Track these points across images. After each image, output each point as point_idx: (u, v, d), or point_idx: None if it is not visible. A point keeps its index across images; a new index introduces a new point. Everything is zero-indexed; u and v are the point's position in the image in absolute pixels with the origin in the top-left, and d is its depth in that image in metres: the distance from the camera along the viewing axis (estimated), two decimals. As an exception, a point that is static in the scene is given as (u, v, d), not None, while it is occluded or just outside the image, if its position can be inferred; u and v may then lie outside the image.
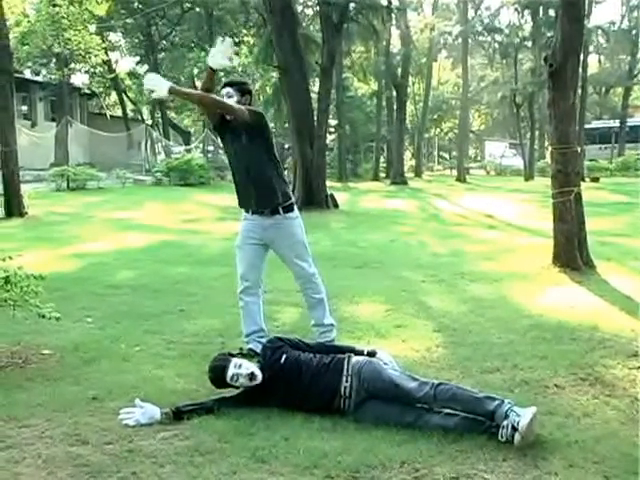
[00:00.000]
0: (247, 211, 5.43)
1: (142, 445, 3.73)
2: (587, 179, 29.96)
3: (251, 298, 5.43)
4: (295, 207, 5.49)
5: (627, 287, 7.86)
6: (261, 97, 37.91)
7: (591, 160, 37.02)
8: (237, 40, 42.45)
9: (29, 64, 33.00)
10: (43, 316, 5.01)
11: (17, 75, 31.11)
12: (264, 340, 5.28)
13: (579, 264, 8.88)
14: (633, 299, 7.32)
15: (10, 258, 5.12)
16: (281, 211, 5.31)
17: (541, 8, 37.49)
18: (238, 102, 5.25)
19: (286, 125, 21.12)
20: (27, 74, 34.06)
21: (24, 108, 34.13)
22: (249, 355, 4.97)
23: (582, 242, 9.13)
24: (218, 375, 4.32)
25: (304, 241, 5.47)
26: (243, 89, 5.41)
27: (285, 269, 5.65)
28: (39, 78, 33.95)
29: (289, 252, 5.43)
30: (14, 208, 15.70)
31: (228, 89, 5.32)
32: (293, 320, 6.51)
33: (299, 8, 31.68)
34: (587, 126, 40.15)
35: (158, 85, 4.89)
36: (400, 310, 6.91)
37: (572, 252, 8.94)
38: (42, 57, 31.05)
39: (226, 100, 5.24)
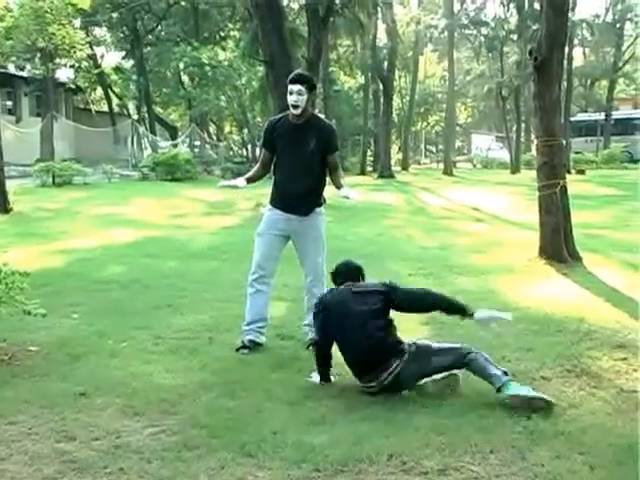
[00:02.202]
0: (280, 207, 5.48)
1: (130, 441, 3.73)
2: (573, 171, 30.07)
3: (262, 287, 5.53)
4: (323, 204, 5.62)
5: (613, 279, 7.93)
6: (247, 91, 37.80)
7: (577, 153, 37.14)
8: (223, 34, 42.39)
9: (13, 59, 32.72)
10: (29, 313, 4.99)
11: (1, 70, 30.97)
12: (264, 331, 5.34)
13: (565, 256, 8.93)
14: (619, 291, 7.38)
15: (-5, 255, 5.09)
16: (311, 210, 5.46)
17: (526, 1, 37.56)
18: (307, 100, 5.30)
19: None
20: (11, 69, 33.81)
21: (9, 103, 33.92)
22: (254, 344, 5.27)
23: (568, 234, 9.18)
24: None
25: (324, 238, 5.55)
26: (311, 86, 5.41)
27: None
28: (24, 73, 33.69)
29: (311, 245, 5.50)
30: (-1, 204, 15.57)
31: (299, 87, 5.27)
32: (281, 314, 6.51)
33: (285, 2, 31.46)
34: (573, 119, 40.28)
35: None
36: (388, 303, 6.91)
37: (558, 244, 8.99)
38: (26, 52, 30.76)
39: (296, 97, 5.24)
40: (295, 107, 5.32)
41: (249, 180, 5.58)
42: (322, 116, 5.71)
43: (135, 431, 3.87)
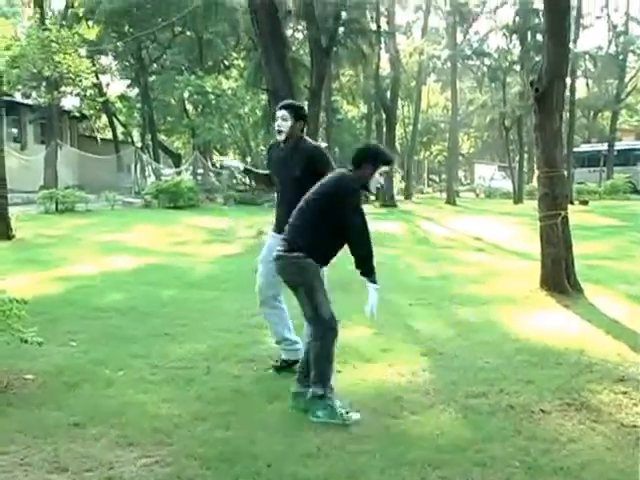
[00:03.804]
0: (277, 232, 5.50)
1: (122, 472, 3.69)
2: (576, 202, 30.08)
3: (269, 310, 5.65)
4: None
5: (614, 311, 7.87)
6: (250, 119, 38.00)
7: (580, 183, 37.19)
8: (227, 63, 42.72)
9: (19, 87, 32.97)
10: (25, 341, 4.96)
11: (7, 98, 31.18)
12: (298, 347, 5.45)
13: (566, 287, 8.89)
14: (620, 323, 7.33)
15: (-7, 282, 5.07)
16: None
17: (529, 33, 37.86)
18: (292, 127, 5.39)
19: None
20: (17, 97, 34.04)
21: (14, 131, 34.06)
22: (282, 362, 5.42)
23: (569, 265, 9.14)
24: None
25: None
26: (298, 114, 5.50)
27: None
28: (29, 101, 33.90)
29: None
30: (1, 231, 15.58)
31: (284, 112, 5.42)
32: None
33: (289, 32, 31.87)
34: (576, 149, 40.41)
35: None
36: (387, 334, 6.89)
37: (559, 275, 8.96)
38: (32, 80, 30.99)
39: (279, 122, 5.38)
40: (279, 132, 5.47)
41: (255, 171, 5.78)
42: (311, 141, 5.69)
43: (128, 462, 3.83)
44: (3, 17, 29.91)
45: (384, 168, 4.77)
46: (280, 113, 5.43)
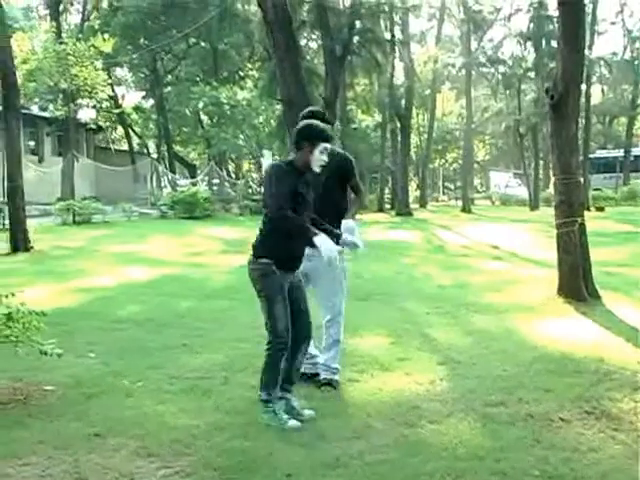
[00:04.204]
0: None
1: (142, 483, 3.70)
2: (592, 208, 29.93)
3: None
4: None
5: (633, 318, 7.81)
6: (265, 130, 38.11)
7: (596, 189, 37.02)
8: (241, 74, 42.89)
9: (36, 100, 33.30)
10: (45, 353, 4.99)
11: (25, 111, 31.47)
12: (316, 361, 5.47)
13: (584, 295, 8.85)
14: (639, 330, 7.27)
15: (12, 295, 5.11)
16: None
17: (543, 39, 37.80)
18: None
19: (290, 157, 21.32)
20: (34, 110, 34.35)
21: (31, 143, 34.34)
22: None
23: (587, 272, 9.10)
24: None
25: (342, 279, 5.54)
26: (324, 121, 5.25)
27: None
28: (46, 114, 34.20)
29: (327, 286, 5.50)
30: (20, 243, 15.73)
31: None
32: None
33: (303, 42, 31.99)
34: (592, 155, 40.24)
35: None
36: (404, 343, 6.88)
37: (577, 283, 8.92)
38: (49, 93, 31.31)
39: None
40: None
41: None
42: (339, 149, 5.72)
43: (149, 473, 3.84)
44: (20, 31, 30.15)
45: (323, 145, 4.70)
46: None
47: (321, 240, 4.45)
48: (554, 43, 33.92)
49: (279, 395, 4.74)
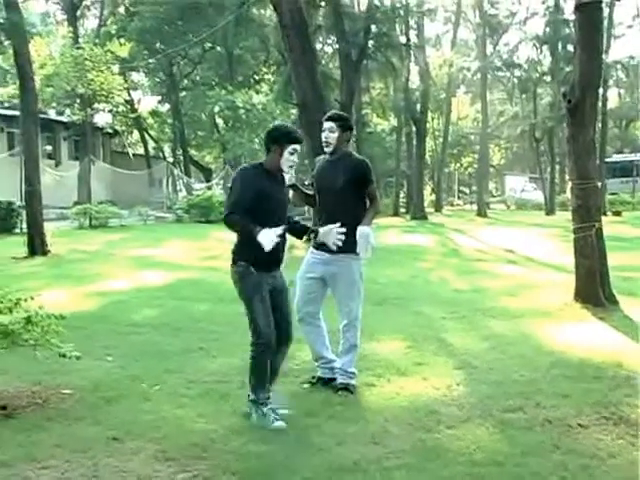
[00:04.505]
0: (316, 247, 5.53)
1: (161, 487, 3.72)
2: (609, 213, 29.76)
3: (307, 327, 5.63)
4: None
5: (651, 323, 7.76)
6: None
7: (613, 194, 36.79)
8: (257, 78, 43.00)
9: (53, 105, 33.53)
10: (64, 355, 5.02)
11: (42, 116, 31.74)
12: (334, 365, 5.49)
13: (601, 300, 8.80)
14: (657, 335, 7.22)
15: (32, 298, 5.14)
16: (347, 250, 5.37)
17: (559, 43, 37.66)
18: (339, 138, 5.43)
19: (306, 161, 21.28)
20: (51, 114, 34.59)
21: (48, 148, 34.57)
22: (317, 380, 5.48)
23: (604, 277, 9.05)
24: None
25: (360, 284, 5.54)
26: (345, 125, 5.54)
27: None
28: (63, 118, 34.46)
29: (344, 291, 5.51)
30: (37, 246, 15.82)
31: (331, 124, 5.46)
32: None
33: (318, 46, 32.04)
34: (608, 160, 40.02)
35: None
36: (420, 347, 6.87)
37: (594, 288, 8.87)
38: (66, 98, 31.52)
39: (326, 134, 5.41)
40: (327, 145, 5.49)
41: (302, 189, 5.68)
42: (357, 155, 5.75)
43: (167, 476, 3.86)
44: (38, 36, 30.41)
45: (292, 146, 4.82)
46: (327, 125, 5.47)
47: (261, 235, 4.55)
48: (570, 47, 33.85)
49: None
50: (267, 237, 4.54)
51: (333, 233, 5.06)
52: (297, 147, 4.87)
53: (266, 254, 4.64)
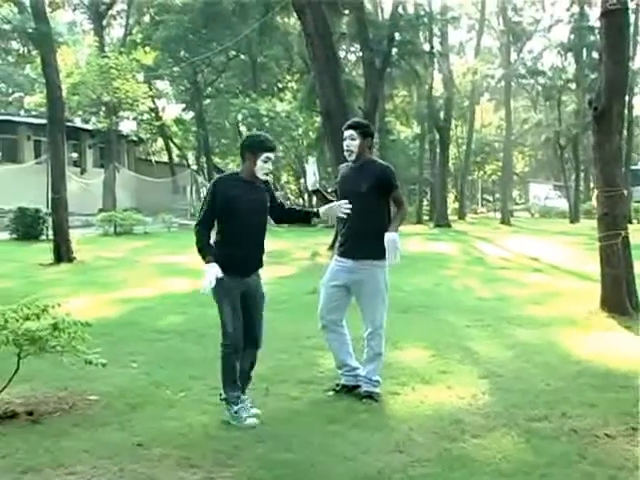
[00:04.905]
0: (340, 254, 5.54)
1: (186, 493, 3.73)
2: (635, 221, 29.47)
3: (331, 335, 5.64)
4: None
5: (679, 332, 7.68)
6: (304, 142, 38.27)
7: (638, 202, 36.43)
8: (280, 86, 43.15)
9: (79, 113, 33.90)
10: (90, 362, 5.06)
11: (68, 124, 32.17)
12: (357, 373, 5.50)
13: (628, 309, 8.72)
14: (685, 345, 7.15)
15: (59, 305, 5.19)
16: (372, 256, 5.37)
17: (584, 50, 37.44)
18: (360, 145, 5.44)
19: (329, 169, 21.33)
20: (77, 122, 34.95)
21: (74, 155, 34.95)
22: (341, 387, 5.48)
23: (631, 286, 8.98)
24: None
25: (384, 292, 5.54)
26: (366, 132, 5.55)
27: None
28: (88, 126, 34.82)
29: (369, 299, 5.51)
30: (63, 253, 15.99)
31: (351, 132, 5.48)
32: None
33: (342, 54, 32.12)
34: (634, 167, 39.64)
35: None
36: (445, 356, 6.84)
37: (620, 296, 8.79)
38: (92, 106, 31.88)
39: (348, 142, 5.44)
40: (349, 153, 5.50)
41: (325, 195, 5.71)
42: (381, 161, 5.75)
43: (192, 484, 3.86)
44: (65, 45, 30.78)
45: (265, 154, 4.97)
46: (348, 133, 5.47)
47: (207, 267, 4.91)
48: (595, 54, 33.62)
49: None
50: (208, 274, 4.89)
51: (335, 207, 5.19)
52: (270, 155, 5.02)
53: (237, 261, 4.95)
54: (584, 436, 4.51)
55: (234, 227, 4.93)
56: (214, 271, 4.85)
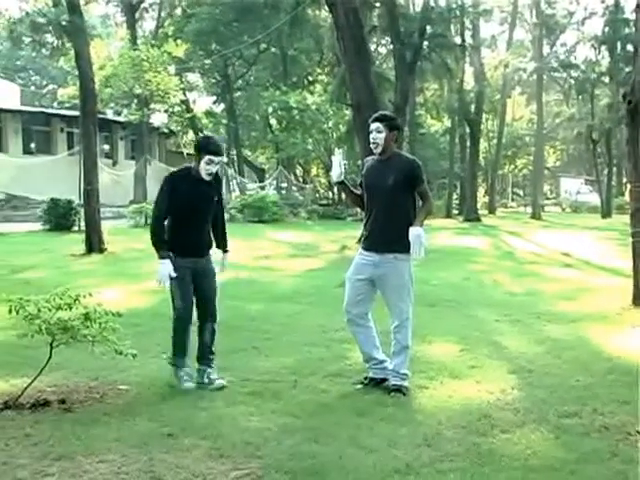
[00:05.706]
0: (365, 248, 5.55)
1: (215, 483, 3.75)
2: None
3: (357, 328, 5.65)
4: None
5: None
6: (334, 135, 38.22)
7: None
8: (311, 79, 43.13)
9: (111, 105, 34.16)
10: (120, 352, 5.11)
11: (100, 116, 32.47)
12: (385, 366, 5.52)
13: (661, 305, 8.62)
14: None
15: (90, 295, 5.25)
16: (397, 250, 5.36)
17: (619, 43, 36.93)
18: (386, 138, 5.44)
19: (359, 162, 21.30)
20: (109, 115, 35.22)
21: (106, 147, 35.23)
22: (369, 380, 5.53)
23: (664, 282, 8.86)
24: None
25: (409, 285, 5.53)
26: (392, 125, 5.56)
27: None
28: (120, 118, 35.08)
29: (394, 292, 5.51)
30: (94, 244, 16.14)
31: (378, 124, 5.49)
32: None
33: (373, 47, 32.00)
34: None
35: None
36: (474, 350, 6.81)
37: (653, 292, 8.69)
38: (123, 98, 32.11)
39: (374, 135, 5.45)
40: (375, 146, 5.50)
41: (350, 187, 5.77)
42: (408, 154, 5.73)
43: (220, 474, 3.89)
44: (98, 38, 31.03)
45: (208, 157, 5.41)
46: (374, 126, 5.47)
47: (161, 263, 5.45)
48: (630, 47, 33.13)
49: (196, 367, 5.63)
50: (162, 270, 5.43)
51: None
52: (213, 158, 5.43)
53: (183, 242, 5.54)
54: (615, 433, 4.47)
55: (183, 220, 5.52)
56: (167, 269, 5.40)
